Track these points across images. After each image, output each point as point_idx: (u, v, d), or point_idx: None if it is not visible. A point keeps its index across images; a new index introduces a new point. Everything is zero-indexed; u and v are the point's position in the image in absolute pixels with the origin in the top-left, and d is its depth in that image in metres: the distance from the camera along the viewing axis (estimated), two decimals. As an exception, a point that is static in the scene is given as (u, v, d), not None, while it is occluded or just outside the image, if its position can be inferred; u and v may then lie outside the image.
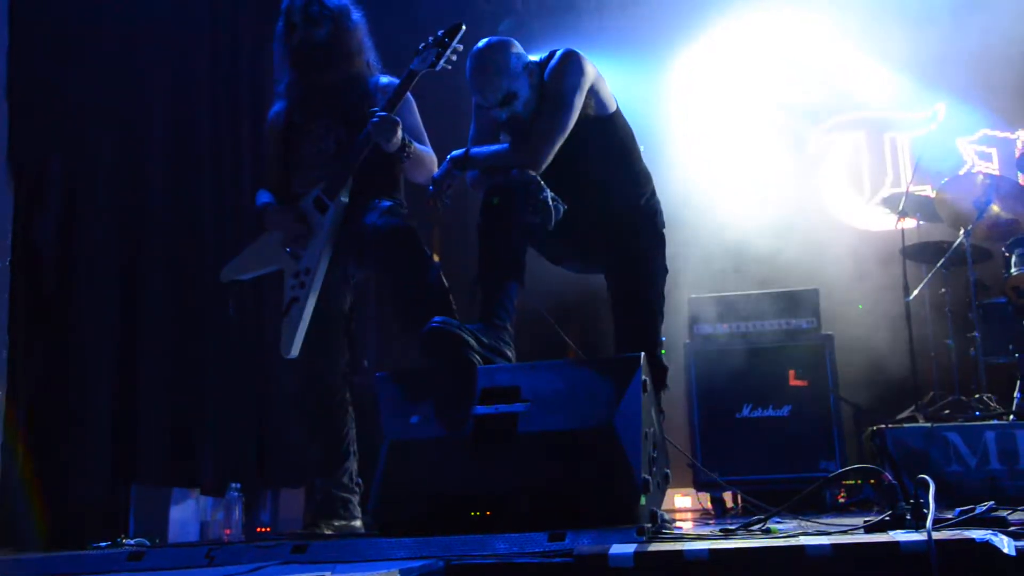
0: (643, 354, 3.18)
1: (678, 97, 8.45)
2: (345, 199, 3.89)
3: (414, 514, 3.13)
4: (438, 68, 3.95)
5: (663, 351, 7.35)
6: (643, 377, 3.13)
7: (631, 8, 8.00)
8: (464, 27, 3.99)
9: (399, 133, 3.82)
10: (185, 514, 4.72)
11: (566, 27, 8.40)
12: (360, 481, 4.11)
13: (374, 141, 3.80)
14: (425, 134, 4.16)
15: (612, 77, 8.10)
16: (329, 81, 3.99)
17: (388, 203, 3.98)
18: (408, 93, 3.99)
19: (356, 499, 4.06)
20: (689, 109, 8.39)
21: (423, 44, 3.99)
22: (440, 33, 3.99)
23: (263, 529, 5.18)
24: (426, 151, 4.06)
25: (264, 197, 4.06)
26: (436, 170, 3.94)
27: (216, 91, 5.50)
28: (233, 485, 4.60)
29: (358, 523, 4.00)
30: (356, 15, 4.09)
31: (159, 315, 4.86)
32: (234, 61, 5.75)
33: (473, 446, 3.14)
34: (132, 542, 4.01)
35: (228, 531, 4.49)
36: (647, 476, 3.02)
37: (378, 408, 3.29)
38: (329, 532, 3.89)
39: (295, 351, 3.80)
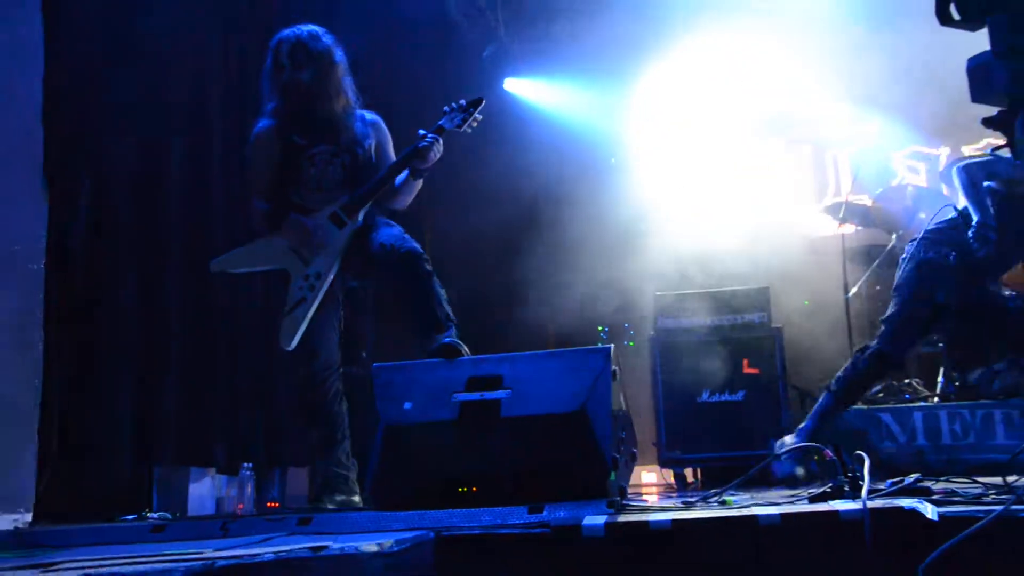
0: (612, 346, 3.19)
1: (646, 114, 8.48)
2: (361, 220, 3.95)
3: (408, 490, 3.13)
4: (462, 131, 4.05)
5: (631, 343, 7.43)
6: (612, 367, 3.14)
7: (602, 34, 8.00)
8: (484, 102, 4.10)
9: (434, 159, 3.95)
10: (202, 491, 4.70)
11: (544, 52, 8.42)
12: (355, 460, 4.11)
13: (426, 155, 3.89)
14: None
15: (586, 96, 8.21)
16: (320, 114, 4.00)
17: (395, 227, 4.02)
18: (388, 132, 4.16)
19: (353, 476, 4.08)
20: (655, 125, 8.41)
21: (449, 107, 4.08)
22: (464, 102, 4.09)
23: (272, 504, 5.16)
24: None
25: (264, 204, 4.03)
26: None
27: (228, 111, 5.48)
28: (245, 464, 4.59)
29: (357, 498, 4.00)
30: (339, 56, 4.08)
31: (178, 314, 4.84)
32: (243, 84, 5.73)
33: (460, 429, 3.15)
34: (155, 516, 3.99)
35: (241, 506, 4.48)
36: (616, 455, 3.03)
37: (374, 395, 3.29)
38: (331, 506, 3.89)
39: (294, 344, 3.85)
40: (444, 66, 7.59)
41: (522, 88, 8.70)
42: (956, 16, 2.11)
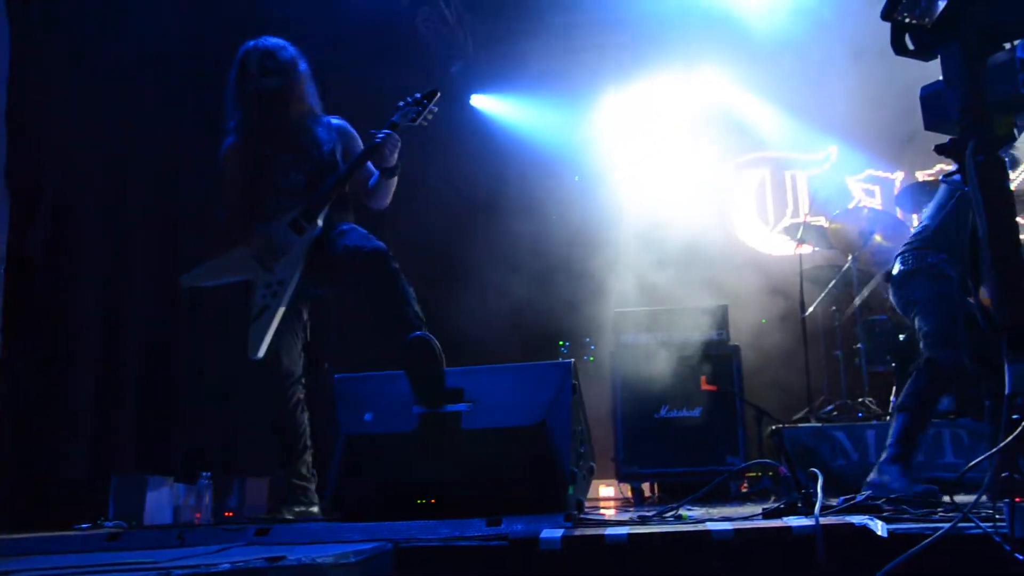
0: (572, 360, 3.20)
1: (610, 133, 8.53)
2: (321, 224, 3.91)
3: (367, 501, 3.11)
4: (416, 124, 4.06)
5: (592, 358, 7.45)
6: (573, 381, 3.15)
7: (571, 55, 8.06)
8: (439, 93, 4.11)
9: (395, 153, 3.96)
10: (160, 500, 4.62)
11: (512, 69, 8.45)
12: (315, 471, 4.08)
13: (382, 151, 3.90)
14: None
15: (551, 113, 8.25)
16: (284, 121, 3.99)
17: (360, 229, 3.98)
18: (356, 136, 4.13)
19: (313, 487, 4.04)
20: (619, 145, 8.47)
21: (403, 102, 4.08)
22: (419, 95, 4.09)
23: (230, 514, 5.09)
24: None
25: (232, 215, 4.01)
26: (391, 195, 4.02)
27: (197, 119, 5.44)
28: (204, 473, 4.53)
29: (316, 509, 3.96)
30: (303, 66, 4.09)
31: (138, 322, 4.79)
32: (216, 94, 5.70)
33: (420, 441, 3.13)
34: (111, 524, 3.92)
35: (198, 515, 4.42)
36: (574, 469, 3.03)
37: (336, 406, 3.27)
38: (290, 517, 3.85)
39: (261, 353, 3.80)
40: (411, 82, 7.58)
41: (488, 104, 8.73)
42: (910, 46, 2.15)
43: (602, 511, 4.41)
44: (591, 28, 8.04)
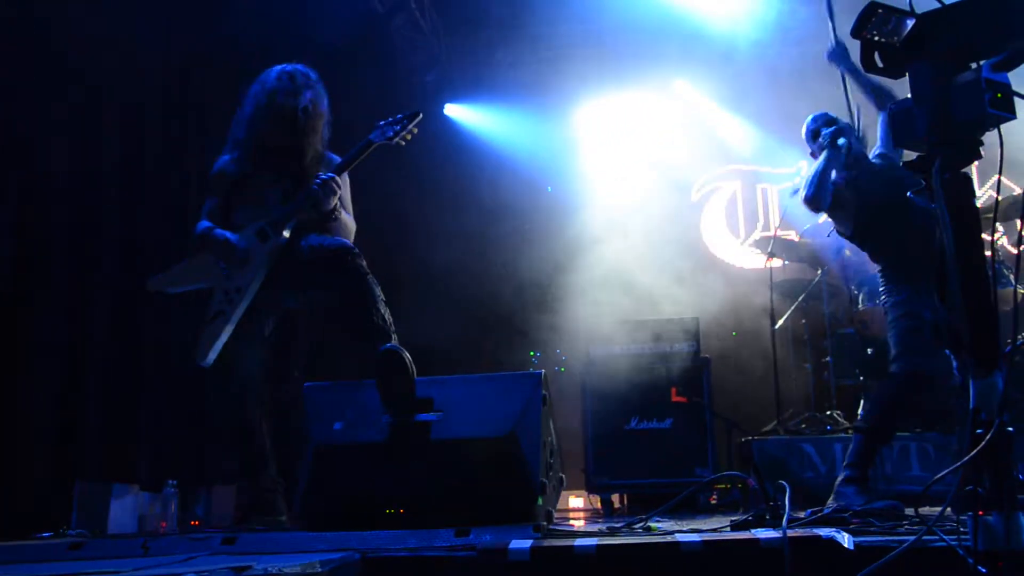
0: (543, 371, 3.20)
1: (582, 143, 8.58)
2: (287, 235, 3.89)
3: (336, 511, 3.09)
4: (393, 143, 4.01)
5: (563, 369, 7.46)
6: (543, 392, 3.15)
7: (542, 64, 8.09)
8: (421, 115, 4.07)
9: (334, 199, 3.91)
10: (124, 508, 4.56)
11: (484, 78, 8.48)
12: (281, 480, 4.05)
13: (313, 199, 3.84)
14: (351, 206, 4.16)
15: (522, 122, 8.27)
16: (284, 143, 3.97)
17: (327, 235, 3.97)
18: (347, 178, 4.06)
19: (280, 496, 4.00)
20: (591, 155, 8.51)
21: (383, 121, 4.05)
22: (400, 116, 4.05)
23: (196, 523, 5.04)
24: (349, 219, 4.08)
25: (205, 223, 3.99)
26: (352, 237, 4.02)
27: (166, 121, 5.42)
28: (169, 482, 4.47)
29: (283, 518, 3.93)
30: (324, 104, 4.08)
31: (104, 326, 4.73)
32: (183, 92, 5.67)
33: (389, 451, 3.12)
34: (73, 533, 3.86)
35: (164, 524, 4.37)
36: (544, 480, 3.03)
37: (305, 414, 3.25)
38: (257, 526, 3.81)
39: (211, 359, 3.78)
40: (386, 90, 7.60)
41: (462, 113, 8.75)
42: (880, 64, 2.18)
43: (571, 522, 4.42)
44: (565, 39, 8.09)
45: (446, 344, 6.79)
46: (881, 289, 4.13)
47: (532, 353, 7.60)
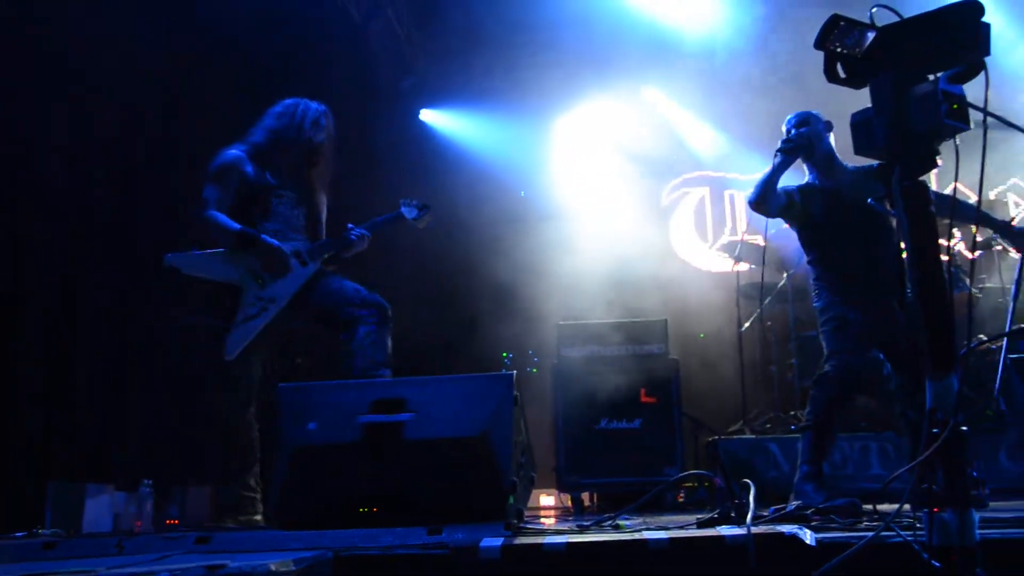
0: (515, 372, 3.21)
1: (555, 149, 8.60)
2: (319, 265, 4.16)
3: (310, 510, 3.07)
4: (420, 227, 4.53)
5: (535, 369, 7.47)
6: (514, 392, 3.16)
7: (516, 72, 8.10)
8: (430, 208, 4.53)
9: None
10: (99, 508, 4.51)
11: (459, 86, 8.47)
12: (262, 482, 4.05)
13: (348, 245, 4.21)
14: None
15: (496, 128, 8.28)
16: (302, 173, 4.23)
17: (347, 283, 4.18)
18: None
19: (259, 497, 4.00)
20: (563, 162, 8.54)
21: (408, 200, 4.51)
22: (420, 203, 4.54)
23: (172, 522, 4.99)
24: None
25: (235, 224, 4.02)
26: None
27: (157, 125, 5.38)
28: (145, 481, 4.43)
29: (259, 518, 3.92)
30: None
31: (82, 328, 4.68)
32: (175, 100, 5.64)
33: (363, 450, 3.11)
34: (47, 533, 3.82)
35: (139, 523, 4.32)
36: (515, 479, 3.04)
37: (279, 415, 3.24)
38: (233, 525, 3.80)
39: (235, 355, 3.92)
40: (364, 96, 7.60)
41: (437, 119, 8.75)
42: (842, 75, 2.21)
43: (542, 520, 4.42)
44: (537, 48, 8.10)
45: (420, 345, 6.78)
46: (813, 294, 4.21)
47: (505, 355, 7.60)
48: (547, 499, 6.77)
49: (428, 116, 8.76)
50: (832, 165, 4.19)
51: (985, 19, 2.01)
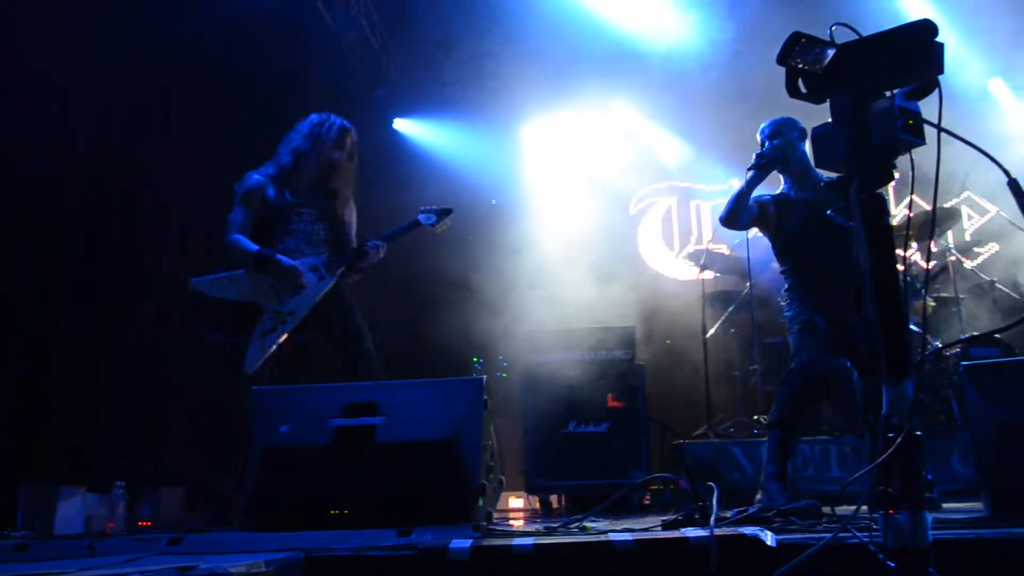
0: (484, 377, 3.21)
1: (526, 158, 8.62)
2: (335, 278, 4.27)
3: (282, 512, 3.06)
4: (437, 232, 4.65)
5: (504, 374, 7.47)
6: (484, 397, 3.16)
7: (488, 82, 8.11)
8: (452, 211, 4.68)
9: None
10: (71, 510, 4.45)
11: (431, 95, 8.47)
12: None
13: (364, 257, 4.33)
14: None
15: (469, 137, 8.29)
16: (324, 188, 4.37)
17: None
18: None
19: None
20: (535, 169, 8.56)
21: (426, 207, 4.62)
22: (440, 208, 4.64)
23: (145, 523, 4.93)
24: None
25: (253, 246, 4.17)
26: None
27: (131, 130, 5.33)
28: (118, 483, 4.38)
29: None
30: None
31: (56, 328, 4.62)
32: (151, 105, 5.59)
33: (335, 453, 3.10)
34: (19, 535, 3.76)
35: (111, 525, 4.27)
36: (484, 482, 3.04)
37: (252, 417, 3.22)
38: (207, 527, 3.77)
39: (254, 369, 4.03)
40: (338, 103, 7.57)
41: (410, 128, 8.74)
42: (803, 90, 2.24)
43: (511, 522, 4.43)
44: (509, 58, 8.11)
45: (391, 350, 6.76)
46: (783, 304, 4.25)
47: (475, 360, 7.60)
48: (516, 501, 6.76)
49: (401, 125, 8.75)
50: (807, 175, 4.19)
51: (938, 39, 2.05)
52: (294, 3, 6.62)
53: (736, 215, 4.12)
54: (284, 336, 4.10)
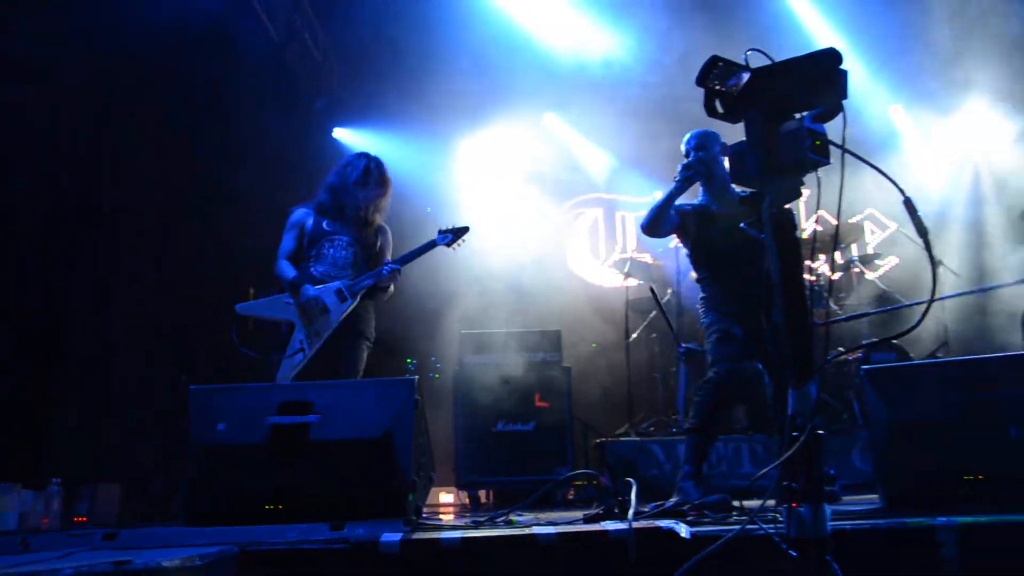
0: (416, 377, 3.21)
1: (461, 168, 8.61)
2: (356, 300, 4.45)
3: (218, 508, 3.00)
4: (451, 250, 4.81)
5: (437, 375, 7.45)
6: (416, 397, 3.15)
7: (426, 97, 8.09)
8: (469, 229, 4.81)
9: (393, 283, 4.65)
10: (4, 506, 4.29)
11: (373, 106, 8.41)
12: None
13: (380, 279, 4.51)
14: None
15: (406, 147, 8.25)
16: (355, 219, 4.59)
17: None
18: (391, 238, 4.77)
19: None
20: (468, 182, 8.56)
21: (443, 228, 4.78)
22: (455, 227, 4.78)
23: (80, 519, 4.78)
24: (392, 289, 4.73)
25: (292, 272, 4.49)
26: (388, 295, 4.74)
27: (82, 140, 5.18)
28: (53, 480, 4.24)
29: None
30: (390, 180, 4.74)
31: (4, 328, 4.46)
32: (104, 114, 5.44)
33: (271, 450, 3.06)
34: (-51, 532, 3.61)
35: (46, 520, 4.14)
36: (415, 478, 3.04)
37: (189, 416, 3.15)
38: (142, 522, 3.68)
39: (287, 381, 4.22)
40: (288, 113, 7.50)
41: (349, 137, 8.66)
42: (720, 110, 2.29)
43: (441, 516, 4.42)
44: (446, 74, 8.11)
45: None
46: (701, 311, 4.29)
47: (408, 361, 7.56)
48: (446, 496, 6.75)
49: (341, 133, 8.67)
50: (726, 189, 4.23)
51: (843, 67, 2.12)
52: (236, 14, 6.51)
53: (657, 223, 4.15)
54: (307, 357, 4.32)
